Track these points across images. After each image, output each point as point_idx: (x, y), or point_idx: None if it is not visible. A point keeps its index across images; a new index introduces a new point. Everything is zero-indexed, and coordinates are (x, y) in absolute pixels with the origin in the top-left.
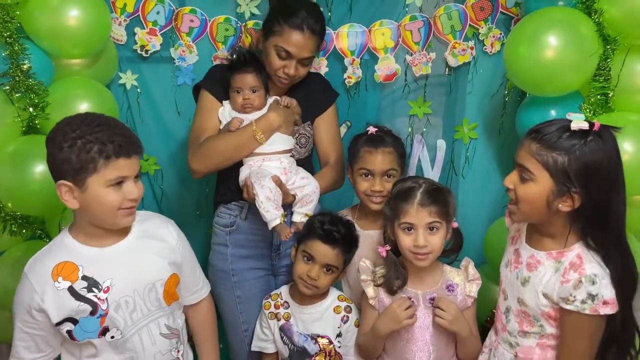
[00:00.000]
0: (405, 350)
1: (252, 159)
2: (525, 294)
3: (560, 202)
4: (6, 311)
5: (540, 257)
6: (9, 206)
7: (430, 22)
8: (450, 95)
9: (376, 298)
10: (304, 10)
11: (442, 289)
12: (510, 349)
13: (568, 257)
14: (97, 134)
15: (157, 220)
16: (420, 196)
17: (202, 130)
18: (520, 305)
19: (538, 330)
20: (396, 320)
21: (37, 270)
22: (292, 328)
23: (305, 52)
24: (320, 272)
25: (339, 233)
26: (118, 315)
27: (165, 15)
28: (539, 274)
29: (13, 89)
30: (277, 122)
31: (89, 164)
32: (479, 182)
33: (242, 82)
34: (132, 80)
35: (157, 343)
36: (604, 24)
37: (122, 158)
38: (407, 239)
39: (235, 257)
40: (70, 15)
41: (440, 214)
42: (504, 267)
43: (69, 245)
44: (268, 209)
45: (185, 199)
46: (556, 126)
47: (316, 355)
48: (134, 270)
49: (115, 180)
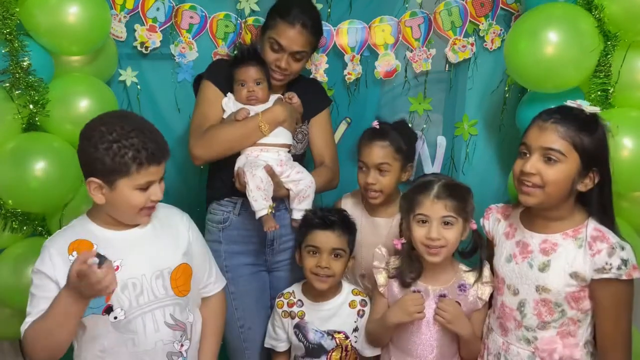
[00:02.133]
0: (410, 342)
1: (251, 148)
2: (548, 278)
3: (580, 181)
4: (6, 308)
5: (556, 239)
6: (10, 203)
7: (430, 19)
8: (450, 92)
9: (386, 286)
10: (298, 8)
11: (453, 287)
12: (527, 346)
13: (585, 232)
14: (132, 139)
15: (172, 211)
16: (438, 189)
17: (205, 117)
18: (541, 293)
19: (559, 316)
20: (406, 313)
21: (55, 243)
22: (308, 326)
23: (295, 46)
24: (329, 259)
25: (334, 216)
26: (124, 295)
27: (165, 12)
28: (559, 255)
29: (13, 86)
30: (282, 115)
31: (122, 168)
32: (479, 178)
33: (246, 75)
34: (132, 77)
35: (160, 331)
36: (605, 20)
37: (153, 165)
38: (420, 231)
39: (229, 253)
40: (70, 12)
41: (456, 210)
42: (505, 262)
43: (87, 226)
44: (256, 198)
45: (185, 195)
46: (574, 110)
47: (333, 351)
48: (145, 255)
49: (144, 185)
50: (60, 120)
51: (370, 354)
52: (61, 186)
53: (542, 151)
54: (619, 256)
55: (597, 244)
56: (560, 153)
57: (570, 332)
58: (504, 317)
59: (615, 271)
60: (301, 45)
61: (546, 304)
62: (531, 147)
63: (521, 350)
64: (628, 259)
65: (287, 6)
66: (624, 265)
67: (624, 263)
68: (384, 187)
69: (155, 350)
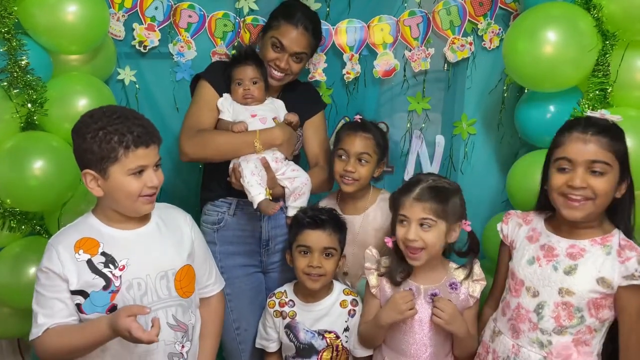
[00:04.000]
0: (403, 342)
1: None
2: (573, 282)
3: (617, 189)
4: (5, 307)
5: (584, 245)
6: (8, 202)
7: (429, 18)
8: (449, 91)
9: (378, 287)
10: (301, 12)
11: (444, 286)
12: (539, 350)
13: (613, 241)
14: (117, 125)
15: (175, 211)
16: (420, 190)
17: (199, 117)
18: (564, 296)
19: (577, 322)
20: (398, 311)
21: (61, 241)
22: (299, 326)
23: (297, 47)
24: (320, 259)
25: (324, 215)
26: (129, 295)
27: (164, 11)
28: (587, 260)
29: (11, 85)
30: (279, 139)
31: (110, 154)
32: (478, 177)
33: (243, 74)
34: (131, 76)
35: (163, 331)
36: (603, 19)
37: (141, 148)
38: (401, 231)
39: (224, 254)
40: (68, 11)
41: (437, 212)
42: (527, 265)
43: (92, 224)
44: (252, 183)
45: (184, 194)
46: (599, 120)
47: (323, 350)
48: (149, 255)
49: (136, 169)
50: (58, 119)
51: (362, 354)
52: (59, 185)
53: (588, 164)
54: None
55: (626, 252)
56: (606, 164)
57: (585, 341)
58: (518, 318)
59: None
60: (302, 46)
61: (567, 307)
62: (575, 161)
63: (532, 353)
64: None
65: (290, 9)
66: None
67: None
68: (361, 176)
69: (156, 351)
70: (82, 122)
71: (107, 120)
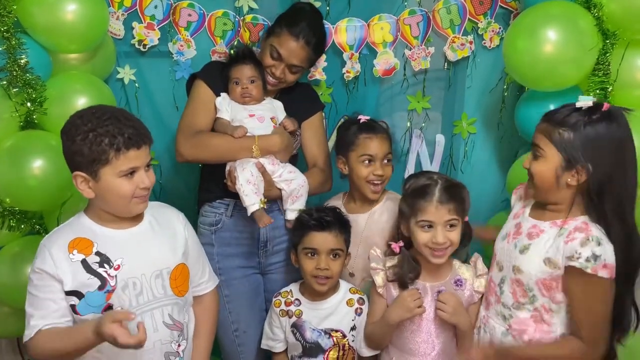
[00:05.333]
0: (410, 340)
1: None
2: (523, 261)
3: (568, 176)
4: (4, 306)
5: (544, 226)
6: (7, 201)
7: (429, 16)
8: (449, 90)
9: (384, 287)
10: (306, 22)
11: (450, 283)
12: (503, 322)
13: (572, 224)
14: (108, 127)
15: (168, 210)
16: (439, 193)
17: (195, 117)
18: (515, 274)
19: (530, 300)
20: (407, 309)
21: (54, 241)
22: (305, 325)
23: (294, 59)
24: (328, 260)
25: (329, 216)
26: (124, 295)
27: (163, 10)
28: (540, 240)
29: (10, 83)
30: (277, 146)
31: (100, 156)
32: (478, 176)
33: (241, 73)
34: (130, 75)
35: (159, 331)
36: (603, 18)
37: (132, 149)
38: (425, 236)
39: (222, 256)
40: (68, 10)
41: (458, 211)
42: (500, 239)
43: (85, 224)
44: (247, 192)
45: (184, 194)
46: (566, 107)
47: (330, 349)
48: (144, 255)
49: (128, 171)
50: (58, 118)
51: (369, 353)
52: (59, 184)
53: (532, 147)
54: (591, 249)
55: (574, 234)
56: (540, 148)
57: (544, 319)
58: (489, 291)
59: (582, 262)
60: (300, 60)
61: (519, 285)
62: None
63: (497, 325)
64: (600, 255)
65: (296, 17)
66: (593, 259)
67: (593, 257)
68: (388, 177)
69: (153, 350)
70: (71, 123)
71: (97, 122)
